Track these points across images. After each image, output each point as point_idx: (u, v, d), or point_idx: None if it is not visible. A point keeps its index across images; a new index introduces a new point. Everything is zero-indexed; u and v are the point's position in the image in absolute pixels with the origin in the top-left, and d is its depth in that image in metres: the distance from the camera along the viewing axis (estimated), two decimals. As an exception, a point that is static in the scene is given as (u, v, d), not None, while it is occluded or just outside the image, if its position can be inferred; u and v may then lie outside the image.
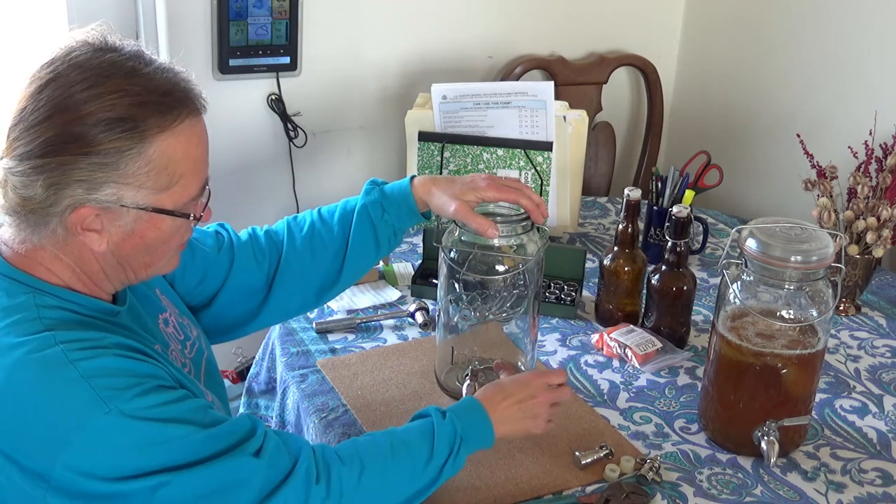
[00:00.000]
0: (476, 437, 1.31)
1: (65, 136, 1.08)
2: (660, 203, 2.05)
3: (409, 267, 1.99)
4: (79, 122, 1.07)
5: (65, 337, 1.10)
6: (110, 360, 1.10)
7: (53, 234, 1.13)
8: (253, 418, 1.20)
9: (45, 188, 1.09)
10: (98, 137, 1.08)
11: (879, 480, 1.42)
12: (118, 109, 1.08)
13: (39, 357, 1.08)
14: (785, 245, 1.36)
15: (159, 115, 1.11)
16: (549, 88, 2.07)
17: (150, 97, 1.11)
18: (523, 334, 1.58)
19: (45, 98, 1.08)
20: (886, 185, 1.86)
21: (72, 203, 1.10)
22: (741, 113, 2.62)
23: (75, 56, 1.11)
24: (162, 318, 1.33)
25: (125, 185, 1.11)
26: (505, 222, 1.47)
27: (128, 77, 1.10)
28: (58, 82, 1.09)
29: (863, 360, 1.73)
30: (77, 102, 1.08)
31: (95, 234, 1.14)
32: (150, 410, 1.09)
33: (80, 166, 1.08)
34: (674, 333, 1.73)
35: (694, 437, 1.51)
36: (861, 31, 2.26)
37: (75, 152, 1.08)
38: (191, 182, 1.17)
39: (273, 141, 2.37)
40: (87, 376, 1.07)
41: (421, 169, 2.07)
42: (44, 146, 1.08)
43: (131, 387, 1.09)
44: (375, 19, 2.38)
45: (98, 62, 1.10)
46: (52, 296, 1.15)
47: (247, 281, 1.47)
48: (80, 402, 1.07)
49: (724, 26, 2.65)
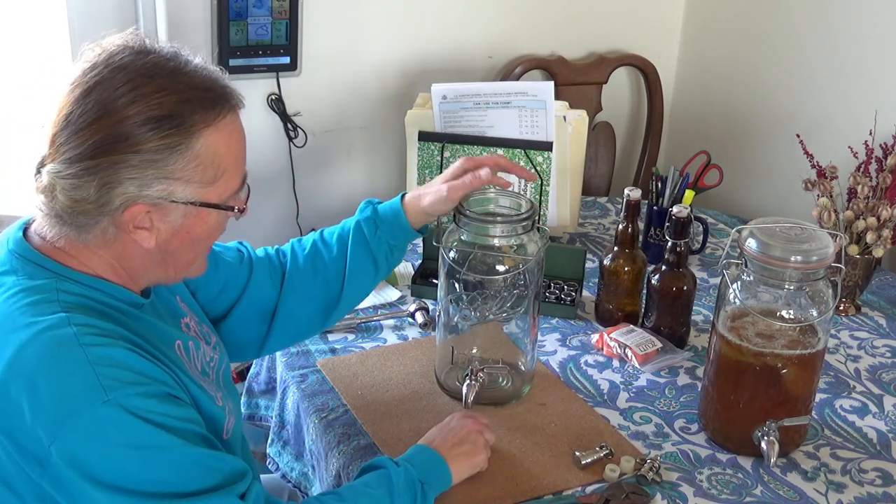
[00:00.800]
0: (435, 476, 1.32)
1: (115, 136, 1.10)
2: (660, 203, 2.05)
3: (409, 267, 1.99)
4: (127, 121, 1.10)
5: (80, 320, 1.12)
6: (121, 353, 1.11)
7: (103, 233, 1.16)
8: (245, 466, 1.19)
9: (98, 188, 1.11)
10: (147, 135, 1.11)
11: (879, 480, 1.42)
12: (165, 107, 1.12)
13: (51, 336, 1.10)
14: (785, 245, 1.36)
15: (204, 110, 1.15)
16: (549, 88, 2.07)
17: (194, 94, 1.14)
18: (523, 334, 1.58)
19: (91, 101, 1.11)
20: (886, 185, 1.86)
21: (124, 202, 1.13)
22: (741, 113, 2.62)
23: (118, 59, 1.14)
24: (183, 322, 1.34)
25: (175, 181, 1.14)
26: (505, 222, 1.47)
27: (171, 76, 1.14)
28: (103, 86, 1.12)
29: (863, 360, 1.73)
30: (124, 103, 1.11)
31: (146, 232, 1.17)
32: (151, 414, 1.09)
33: (131, 164, 1.11)
34: (674, 333, 1.73)
35: (694, 437, 1.51)
36: (861, 31, 2.26)
37: (126, 151, 1.11)
38: (233, 176, 1.21)
39: (273, 141, 2.37)
40: (93, 362, 1.08)
41: (421, 169, 2.07)
42: (94, 147, 1.10)
43: (136, 384, 1.10)
44: (375, 19, 2.38)
45: (141, 64, 1.14)
46: (75, 282, 1.17)
47: (261, 295, 1.49)
48: (82, 386, 1.07)
49: (724, 26, 2.65)
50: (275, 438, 1.66)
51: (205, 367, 1.32)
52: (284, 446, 1.64)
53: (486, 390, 1.51)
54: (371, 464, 1.33)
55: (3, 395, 1.09)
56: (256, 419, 1.75)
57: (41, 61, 2.18)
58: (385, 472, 1.29)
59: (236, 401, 1.41)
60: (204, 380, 1.29)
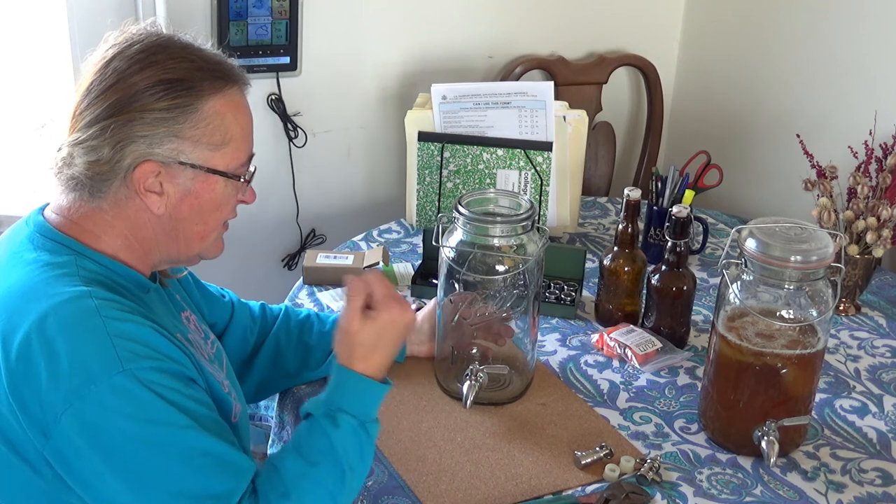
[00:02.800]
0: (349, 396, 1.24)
1: (128, 97, 1.18)
2: (660, 203, 2.05)
3: (409, 267, 1.99)
4: (140, 83, 1.18)
5: (101, 294, 1.16)
6: (140, 329, 1.15)
7: (116, 196, 1.21)
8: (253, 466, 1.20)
9: (112, 146, 1.17)
10: (158, 95, 1.18)
11: (879, 480, 1.42)
12: (176, 72, 1.20)
13: (74, 306, 1.14)
14: (785, 245, 1.36)
15: (213, 79, 1.22)
16: (549, 88, 2.07)
17: (204, 64, 1.22)
18: (523, 334, 1.58)
19: (110, 69, 1.19)
20: (886, 185, 1.85)
21: (135, 159, 1.18)
22: (741, 113, 2.62)
23: (136, 38, 1.23)
24: (185, 315, 1.37)
25: (184, 140, 1.20)
26: (505, 222, 1.47)
27: (183, 49, 1.23)
28: (120, 56, 1.20)
29: (863, 360, 1.73)
30: (138, 69, 1.19)
31: (156, 196, 1.21)
32: (164, 389, 1.13)
33: (144, 122, 1.18)
34: (674, 333, 1.73)
35: (694, 437, 1.51)
36: (861, 31, 2.26)
37: (138, 109, 1.17)
38: (240, 147, 1.26)
39: (273, 141, 2.37)
40: (112, 334, 1.12)
41: (421, 169, 2.07)
42: (110, 109, 1.18)
43: (152, 358, 1.13)
44: (375, 19, 2.38)
45: (156, 39, 1.23)
46: (94, 261, 1.21)
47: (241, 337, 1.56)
48: (100, 355, 1.11)
49: (724, 26, 2.65)
50: (275, 439, 1.66)
51: (210, 357, 1.35)
52: (284, 446, 1.64)
53: (486, 390, 1.51)
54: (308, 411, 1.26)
55: (23, 358, 1.12)
56: (256, 419, 1.75)
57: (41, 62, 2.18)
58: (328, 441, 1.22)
59: (239, 392, 1.43)
60: (211, 366, 1.31)
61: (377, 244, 2.11)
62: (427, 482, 1.38)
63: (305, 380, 1.59)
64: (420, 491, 1.36)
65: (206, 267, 1.62)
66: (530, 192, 2.04)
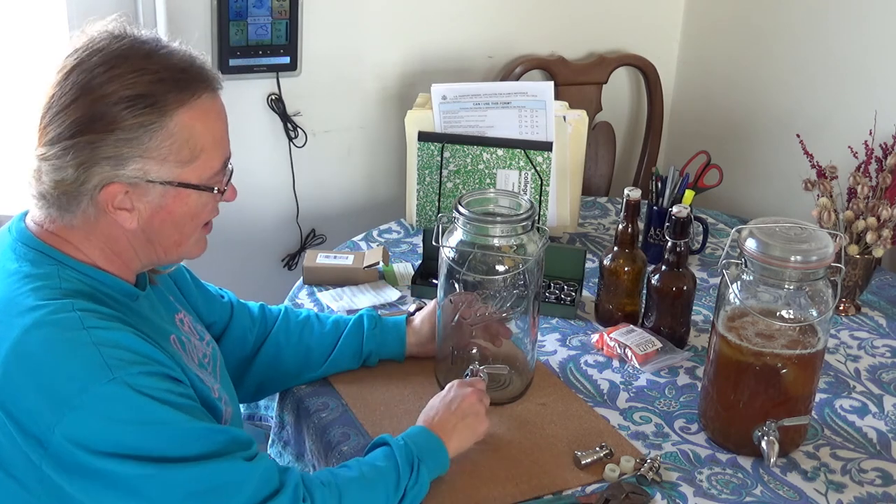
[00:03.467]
0: (431, 456, 1.34)
1: (90, 116, 1.13)
2: (660, 203, 2.05)
3: (409, 267, 1.99)
4: (102, 101, 1.13)
5: (82, 305, 1.15)
6: (124, 336, 1.15)
7: (84, 214, 1.18)
8: (250, 437, 1.22)
9: (76, 167, 1.14)
10: (121, 114, 1.14)
11: (879, 480, 1.42)
12: (138, 87, 1.14)
13: (56, 319, 1.13)
14: (785, 245, 1.36)
15: (178, 90, 1.17)
16: (549, 88, 2.07)
17: (169, 74, 1.17)
18: (523, 334, 1.58)
19: (70, 83, 1.15)
20: (886, 185, 1.85)
21: (101, 181, 1.15)
22: (741, 113, 2.62)
23: (96, 43, 1.17)
24: (178, 317, 1.37)
25: (150, 160, 1.16)
26: (505, 222, 1.47)
27: (146, 58, 1.17)
28: (81, 67, 1.15)
29: (863, 360, 1.73)
30: (100, 83, 1.14)
31: (126, 213, 1.19)
32: (154, 391, 1.13)
33: (106, 143, 1.14)
34: (674, 333, 1.73)
35: (694, 437, 1.51)
36: (861, 31, 2.26)
37: (101, 130, 1.14)
38: (212, 156, 1.22)
39: (273, 141, 2.37)
40: (98, 343, 1.12)
41: (421, 169, 2.07)
42: (72, 127, 1.14)
43: (139, 363, 1.13)
44: (375, 19, 2.38)
45: (118, 46, 1.17)
46: (76, 271, 1.20)
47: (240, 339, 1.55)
48: (87, 365, 1.10)
49: (724, 26, 2.65)
50: (275, 439, 1.66)
51: (201, 361, 1.34)
52: (285, 447, 1.64)
53: (487, 390, 1.51)
54: (375, 441, 1.36)
55: (9, 374, 1.11)
56: (256, 419, 1.75)
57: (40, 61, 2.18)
58: (389, 449, 1.32)
59: (232, 395, 1.43)
60: (201, 371, 1.31)
61: (377, 244, 2.11)
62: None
63: (306, 380, 1.59)
64: (420, 491, 1.36)
65: (206, 267, 1.62)
66: (530, 192, 2.04)
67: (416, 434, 1.37)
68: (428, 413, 1.41)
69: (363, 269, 1.91)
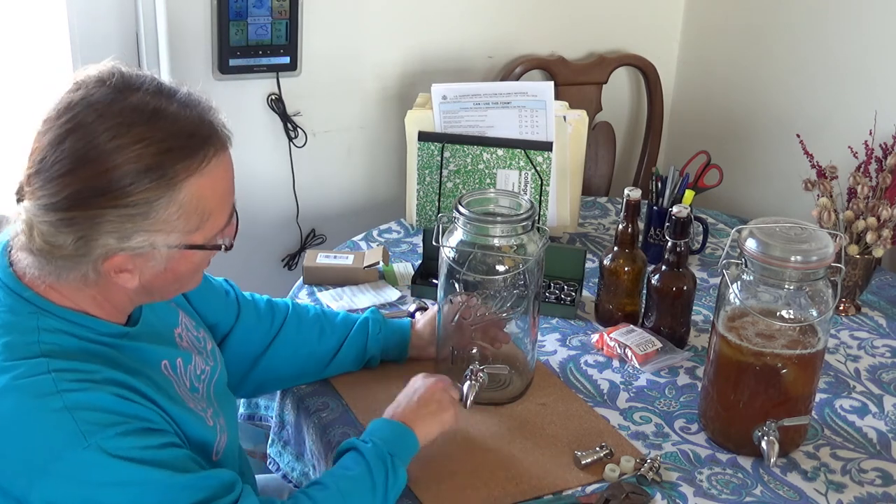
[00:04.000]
0: (401, 446, 1.33)
1: (92, 189, 1.06)
2: (660, 203, 2.05)
3: (409, 267, 1.99)
4: (105, 174, 1.05)
5: (58, 365, 1.09)
6: (99, 396, 1.09)
7: (84, 276, 1.12)
8: (235, 476, 1.20)
9: (75, 240, 1.07)
10: (126, 189, 1.06)
11: (879, 480, 1.42)
12: (144, 159, 1.06)
13: (26, 383, 1.07)
14: (785, 245, 1.36)
15: (187, 158, 1.09)
16: (549, 88, 2.07)
17: (176, 142, 1.09)
18: (523, 334, 1.58)
19: (66, 150, 1.06)
20: (886, 185, 1.85)
21: (103, 252, 1.10)
22: (741, 113, 2.62)
23: (95, 101, 1.08)
24: (176, 332, 1.33)
25: (156, 232, 1.10)
26: (505, 222, 1.47)
27: (151, 122, 1.08)
28: (78, 133, 1.06)
29: (863, 360, 1.73)
30: (101, 154, 1.05)
31: (128, 275, 1.14)
32: (131, 451, 1.09)
33: (109, 218, 1.07)
34: (674, 333, 1.73)
35: (694, 437, 1.51)
36: (861, 31, 2.26)
37: (104, 205, 1.06)
38: (220, 216, 1.17)
39: (273, 141, 2.37)
40: (71, 408, 1.07)
41: (421, 169, 2.07)
42: (70, 199, 1.06)
43: (115, 424, 1.09)
44: (375, 19, 2.38)
45: (119, 108, 1.08)
46: (58, 318, 1.14)
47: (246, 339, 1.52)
48: (61, 432, 1.06)
49: (724, 26, 2.65)
50: (275, 439, 1.66)
51: (194, 383, 1.30)
52: (285, 446, 1.64)
53: (486, 390, 1.51)
54: (342, 448, 1.35)
55: None
56: (256, 419, 1.75)
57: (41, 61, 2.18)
58: (357, 453, 1.31)
59: (231, 412, 1.41)
60: (193, 397, 1.27)
61: (377, 244, 2.11)
62: (427, 482, 1.38)
63: (306, 381, 1.59)
64: (420, 491, 1.36)
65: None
66: (530, 192, 2.04)
67: (380, 429, 1.35)
68: (392, 404, 1.41)
69: (363, 269, 1.91)
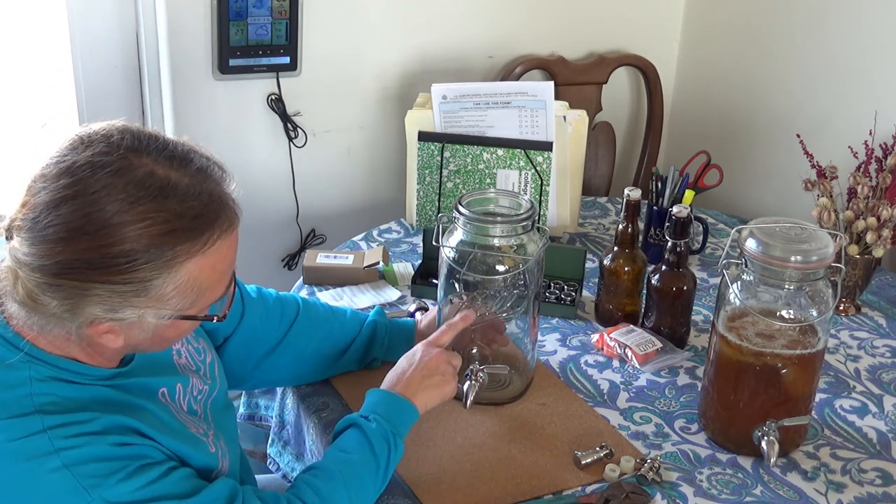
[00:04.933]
0: (402, 421, 1.34)
1: (85, 262, 1.01)
2: (660, 203, 2.05)
3: (409, 267, 1.99)
4: (102, 249, 1.01)
5: (53, 422, 1.06)
6: (97, 449, 1.08)
7: (67, 334, 1.08)
8: (233, 484, 1.19)
9: (60, 304, 1.03)
10: (122, 267, 1.01)
11: (879, 480, 1.42)
12: (144, 240, 1.01)
13: (22, 445, 1.05)
14: (785, 245, 1.36)
15: (190, 240, 1.04)
16: (549, 88, 2.07)
17: (181, 223, 1.03)
18: (523, 334, 1.58)
19: (63, 216, 1.01)
20: (886, 185, 1.85)
21: (89, 320, 1.06)
22: (741, 113, 2.62)
23: (99, 169, 1.02)
24: (174, 350, 1.31)
25: (149, 308, 1.06)
26: (505, 222, 1.47)
27: (157, 200, 1.02)
28: (78, 201, 1.00)
29: (863, 360, 1.73)
30: (100, 228, 1.00)
31: (112, 336, 1.09)
32: (134, 494, 1.08)
33: (99, 292, 1.03)
34: (674, 333, 1.73)
35: (694, 437, 1.51)
36: (861, 31, 2.26)
37: (96, 279, 1.02)
38: (217, 290, 1.13)
39: (273, 141, 2.37)
40: (70, 465, 1.05)
41: (421, 169, 2.07)
42: (61, 266, 1.01)
43: (115, 472, 1.08)
44: (375, 19, 2.38)
45: (124, 182, 1.01)
46: (50, 365, 1.10)
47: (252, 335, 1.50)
48: (62, 492, 1.05)
49: (724, 26, 2.65)
50: (275, 439, 1.66)
51: (192, 405, 1.29)
52: (285, 446, 1.64)
53: (486, 390, 1.51)
54: (343, 425, 1.35)
55: None
56: (256, 419, 1.75)
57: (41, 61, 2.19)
58: (360, 432, 1.31)
59: (231, 428, 1.39)
60: (191, 420, 1.26)
61: (377, 244, 2.11)
62: (427, 482, 1.38)
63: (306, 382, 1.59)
64: (420, 491, 1.36)
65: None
66: (530, 192, 2.04)
67: (381, 403, 1.35)
68: (394, 372, 1.41)
69: (363, 269, 1.91)
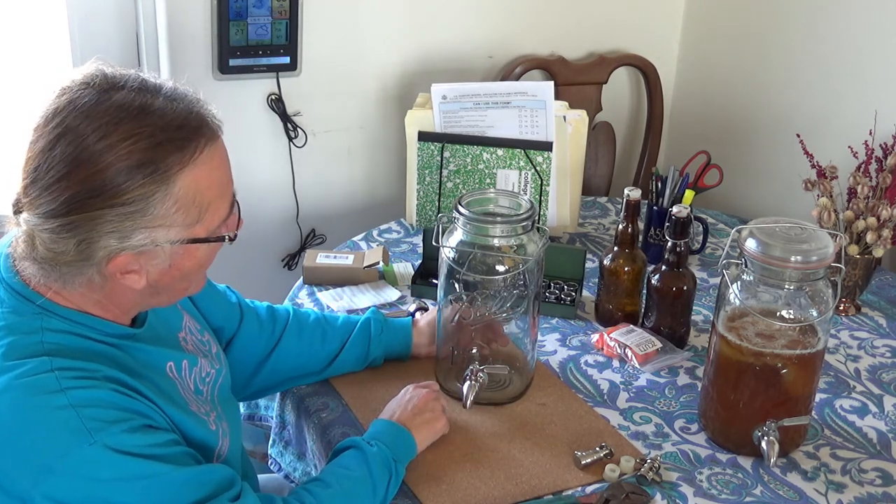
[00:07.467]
0: (404, 451, 1.37)
1: (87, 191, 1.06)
2: (660, 203, 2.05)
3: (409, 267, 1.99)
4: (98, 175, 1.06)
5: (61, 364, 1.09)
6: (103, 393, 1.10)
7: (89, 281, 1.13)
8: (234, 472, 1.21)
9: (77, 244, 1.08)
10: (121, 187, 1.06)
11: (879, 480, 1.42)
12: (136, 155, 1.07)
13: (30, 381, 1.08)
14: (785, 245, 1.36)
15: (178, 151, 1.09)
16: (549, 88, 2.07)
17: (165, 135, 1.09)
18: (523, 334, 1.58)
19: (58, 155, 1.06)
20: (886, 185, 1.85)
21: (106, 254, 1.10)
22: (741, 113, 2.62)
23: (81, 104, 1.08)
24: (181, 336, 1.33)
25: (156, 228, 1.10)
26: (505, 222, 1.47)
27: (139, 118, 1.08)
28: (68, 137, 1.07)
29: (863, 360, 1.73)
30: (92, 155, 1.06)
31: (135, 275, 1.13)
32: (136, 447, 1.10)
33: (108, 219, 1.07)
34: (674, 333, 1.73)
35: (694, 437, 1.51)
36: (860, 31, 2.26)
37: (101, 206, 1.07)
38: (219, 206, 1.17)
39: (273, 141, 2.37)
40: (75, 405, 1.07)
41: (421, 169, 2.07)
42: (67, 204, 1.06)
43: (119, 421, 1.09)
44: (375, 19, 2.38)
45: (105, 108, 1.08)
46: (63, 318, 1.14)
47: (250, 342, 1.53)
48: (66, 430, 1.07)
49: (724, 26, 2.65)
50: (276, 439, 1.66)
51: (198, 385, 1.31)
52: (286, 447, 1.64)
53: (486, 390, 1.51)
54: (344, 444, 1.37)
55: None
56: (256, 419, 1.75)
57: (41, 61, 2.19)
58: (360, 453, 1.33)
59: (234, 416, 1.40)
60: (197, 399, 1.28)
61: (377, 244, 2.11)
62: (427, 482, 1.38)
63: (306, 382, 1.59)
64: (420, 491, 1.37)
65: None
66: (530, 192, 2.04)
67: (384, 431, 1.39)
68: (386, 412, 1.44)
69: (363, 269, 1.91)
